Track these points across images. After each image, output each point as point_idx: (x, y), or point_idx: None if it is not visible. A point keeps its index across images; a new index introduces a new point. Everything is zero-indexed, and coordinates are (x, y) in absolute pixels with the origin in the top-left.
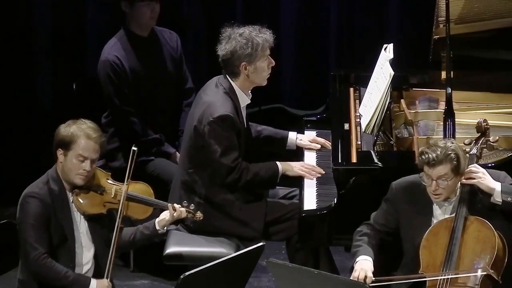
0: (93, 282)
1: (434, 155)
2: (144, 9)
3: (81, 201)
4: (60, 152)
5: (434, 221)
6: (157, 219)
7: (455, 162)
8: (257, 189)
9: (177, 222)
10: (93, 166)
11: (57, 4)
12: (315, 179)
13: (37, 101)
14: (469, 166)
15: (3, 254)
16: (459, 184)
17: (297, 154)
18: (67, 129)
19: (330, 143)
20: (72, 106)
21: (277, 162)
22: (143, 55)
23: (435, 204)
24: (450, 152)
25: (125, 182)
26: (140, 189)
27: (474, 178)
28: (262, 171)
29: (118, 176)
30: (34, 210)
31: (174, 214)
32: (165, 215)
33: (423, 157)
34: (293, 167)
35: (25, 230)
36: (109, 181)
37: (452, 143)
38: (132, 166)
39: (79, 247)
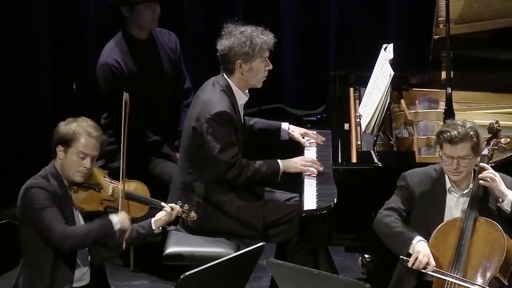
0: (114, 218)
1: (455, 132)
2: (144, 11)
3: (79, 198)
4: (60, 149)
5: (447, 212)
6: (153, 219)
7: (475, 139)
8: (257, 185)
9: (177, 222)
10: (93, 164)
11: (57, 5)
12: (315, 178)
13: (37, 101)
14: (485, 172)
15: (3, 254)
16: (472, 174)
17: (295, 150)
18: (67, 126)
19: (321, 140)
20: (72, 106)
21: (278, 160)
22: (141, 57)
23: (447, 195)
24: (469, 130)
25: (121, 180)
26: (136, 187)
27: (489, 181)
28: (263, 168)
29: (118, 177)
30: (40, 195)
31: (173, 213)
32: (161, 215)
33: (444, 135)
34: (294, 164)
35: (38, 215)
36: (106, 179)
37: (470, 121)
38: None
39: None
